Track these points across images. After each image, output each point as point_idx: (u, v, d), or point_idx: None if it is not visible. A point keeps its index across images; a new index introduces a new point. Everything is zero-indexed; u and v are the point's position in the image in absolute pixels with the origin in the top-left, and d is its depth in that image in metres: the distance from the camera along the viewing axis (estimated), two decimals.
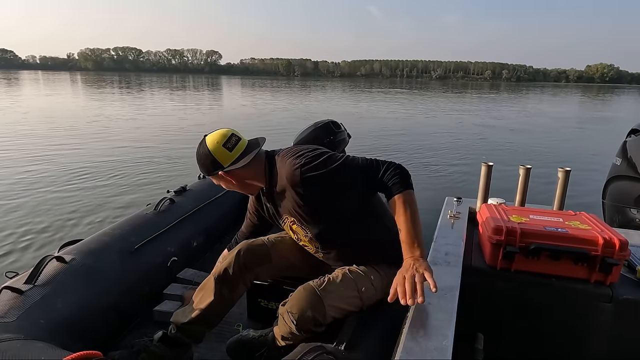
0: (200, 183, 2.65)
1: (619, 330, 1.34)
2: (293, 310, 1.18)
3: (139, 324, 1.74)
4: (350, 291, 1.26)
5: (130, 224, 1.99)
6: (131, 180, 5.35)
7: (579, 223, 1.46)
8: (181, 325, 1.39)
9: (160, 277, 1.93)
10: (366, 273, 1.32)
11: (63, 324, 1.37)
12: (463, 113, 16.92)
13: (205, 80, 64.90)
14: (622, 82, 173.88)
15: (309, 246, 1.43)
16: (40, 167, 5.81)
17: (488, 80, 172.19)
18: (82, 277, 1.55)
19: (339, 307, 1.23)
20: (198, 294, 1.41)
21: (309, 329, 1.19)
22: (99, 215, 4.05)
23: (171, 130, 9.82)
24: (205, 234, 2.35)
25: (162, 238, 2.02)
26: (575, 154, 8.14)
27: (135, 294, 1.76)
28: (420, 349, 0.89)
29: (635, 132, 2.63)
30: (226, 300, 1.39)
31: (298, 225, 1.38)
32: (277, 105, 18.50)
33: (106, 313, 1.59)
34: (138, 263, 1.82)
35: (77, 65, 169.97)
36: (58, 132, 9.03)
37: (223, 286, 1.37)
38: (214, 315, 1.40)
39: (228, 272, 1.38)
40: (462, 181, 5.66)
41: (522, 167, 1.85)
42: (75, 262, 1.59)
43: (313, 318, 1.17)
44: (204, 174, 1.39)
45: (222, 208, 2.58)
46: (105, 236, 1.84)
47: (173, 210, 2.22)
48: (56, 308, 1.39)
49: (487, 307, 1.46)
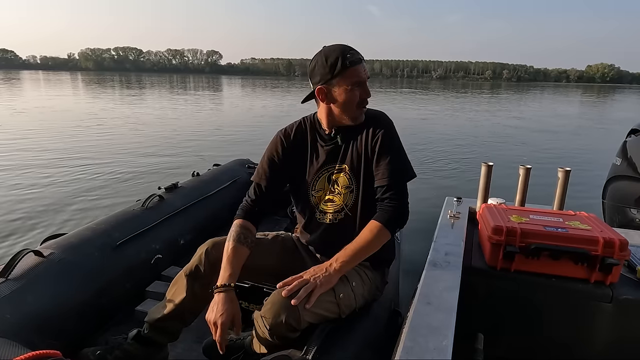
0: (192, 180, 2.61)
1: (619, 330, 1.34)
2: (267, 315, 1.12)
3: (119, 322, 1.68)
4: (327, 296, 1.19)
5: (115, 220, 1.95)
6: (124, 177, 5.33)
7: (578, 223, 1.46)
8: (155, 323, 1.36)
9: (143, 274, 1.89)
10: (348, 278, 1.27)
11: (32, 320, 1.32)
12: (463, 113, 16.91)
13: (206, 80, 64.94)
14: (623, 82, 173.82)
15: (336, 202, 1.36)
16: (36, 162, 5.81)
17: (488, 80, 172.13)
18: (58, 272, 1.50)
19: (315, 312, 1.16)
20: (171, 290, 1.37)
21: (283, 334, 1.12)
22: (90, 211, 4.02)
23: (169, 128, 9.84)
24: (194, 231, 2.31)
25: (147, 234, 1.98)
26: (575, 154, 8.13)
27: (115, 291, 1.71)
28: (420, 349, 0.89)
29: (635, 132, 2.63)
30: (199, 297, 1.33)
31: (347, 176, 1.34)
32: (276, 105, 18.50)
33: (83, 310, 1.53)
34: (120, 259, 1.77)
35: (77, 65, 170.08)
36: (53, 127, 9.07)
37: (195, 283, 1.33)
38: (188, 312, 1.36)
39: (199, 269, 1.33)
40: (462, 181, 5.65)
41: (522, 167, 1.86)
42: (53, 257, 1.54)
43: (286, 323, 1.10)
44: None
45: (213, 206, 2.54)
46: (88, 231, 1.79)
47: (161, 207, 2.18)
48: (26, 303, 1.34)
49: (487, 307, 1.46)
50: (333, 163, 1.37)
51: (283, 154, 1.42)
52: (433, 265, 1.30)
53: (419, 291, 1.14)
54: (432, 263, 1.31)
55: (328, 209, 1.39)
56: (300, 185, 1.43)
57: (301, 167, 1.42)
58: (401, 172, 1.30)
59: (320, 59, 1.28)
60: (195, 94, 25.46)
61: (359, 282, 1.30)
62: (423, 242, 1.68)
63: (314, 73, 1.30)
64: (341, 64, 1.24)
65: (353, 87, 1.27)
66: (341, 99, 1.29)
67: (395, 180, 1.28)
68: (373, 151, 1.31)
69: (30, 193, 4.51)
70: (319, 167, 1.39)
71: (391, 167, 1.28)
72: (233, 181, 2.83)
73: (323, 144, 1.39)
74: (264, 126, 10.66)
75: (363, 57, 1.29)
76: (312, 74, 1.31)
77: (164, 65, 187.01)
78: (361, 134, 1.34)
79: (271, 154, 1.44)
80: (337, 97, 1.29)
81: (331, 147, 1.38)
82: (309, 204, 1.41)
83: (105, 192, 4.67)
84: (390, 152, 1.30)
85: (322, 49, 1.31)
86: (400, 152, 1.33)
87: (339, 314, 1.24)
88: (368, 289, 1.34)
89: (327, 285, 1.17)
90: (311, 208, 1.41)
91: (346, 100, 1.28)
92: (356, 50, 1.28)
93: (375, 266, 1.38)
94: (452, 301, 1.08)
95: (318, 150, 1.40)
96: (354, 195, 1.35)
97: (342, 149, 1.36)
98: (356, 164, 1.34)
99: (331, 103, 1.31)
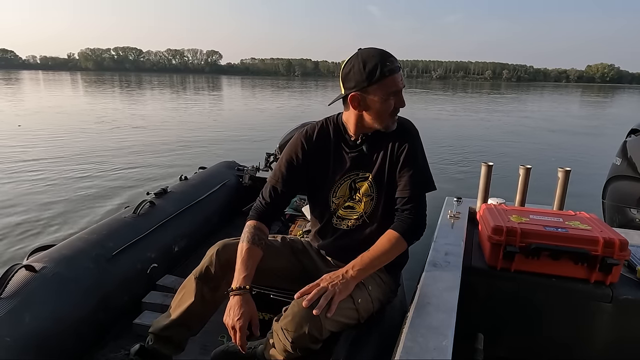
0: (181, 184, 2.55)
1: (619, 330, 1.34)
2: (288, 328, 1.09)
3: (116, 336, 1.62)
4: (346, 303, 1.17)
5: (107, 228, 1.86)
6: (107, 181, 5.11)
7: (579, 223, 1.46)
8: (160, 332, 1.31)
9: (139, 285, 1.82)
10: (364, 282, 1.25)
11: (31, 340, 1.27)
12: (463, 113, 16.92)
13: (205, 80, 64.87)
14: (623, 82, 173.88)
15: (356, 209, 1.35)
16: (13, 166, 5.60)
17: (488, 80, 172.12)
18: (53, 288, 1.43)
19: (336, 320, 1.14)
20: (178, 295, 1.33)
21: (306, 346, 1.10)
22: (73, 218, 3.83)
23: (151, 131, 9.60)
24: (188, 238, 2.26)
25: (142, 243, 1.90)
26: (575, 154, 8.14)
27: (112, 304, 1.65)
28: (420, 349, 0.89)
29: (635, 132, 2.63)
30: (208, 301, 1.30)
31: (370, 184, 1.32)
32: (274, 105, 18.49)
33: (81, 326, 1.48)
34: (116, 271, 1.70)
35: (77, 65, 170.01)
36: (30, 129, 8.86)
37: (204, 286, 1.29)
38: (195, 318, 1.32)
39: (209, 270, 1.30)
40: (462, 181, 5.66)
41: (522, 167, 1.86)
42: (46, 271, 1.46)
43: (309, 334, 1.07)
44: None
45: (205, 211, 2.50)
46: (80, 241, 1.71)
47: (153, 214, 2.10)
48: (24, 323, 1.28)
49: (487, 307, 1.46)
50: (357, 170, 1.34)
51: (303, 157, 1.37)
52: (433, 265, 1.30)
53: (419, 291, 1.14)
54: (432, 263, 1.31)
55: (347, 215, 1.37)
56: (319, 190, 1.39)
57: (322, 172, 1.37)
58: (423, 185, 1.29)
59: (357, 64, 1.22)
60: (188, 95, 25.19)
61: (375, 287, 1.28)
62: (423, 242, 1.68)
63: (348, 77, 1.24)
64: (380, 72, 1.19)
65: (389, 96, 1.23)
66: (375, 108, 1.24)
67: (416, 193, 1.27)
68: (398, 161, 1.29)
69: (5, 202, 4.21)
70: (342, 174, 1.35)
71: (414, 180, 1.27)
72: (222, 184, 2.79)
73: (348, 150, 1.35)
74: (252, 127, 10.63)
75: (401, 65, 1.25)
76: (346, 78, 1.25)
77: (163, 65, 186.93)
78: (387, 142, 1.31)
79: (290, 157, 1.38)
80: (371, 105, 1.24)
81: (356, 154, 1.34)
82: (327, 209, 1.39)
83: (89, 199, 4.42)
84: (414, 163, 1.28)
85: (358, 53, 1.25)
86: (424, 164, 1.31)
87: (358, 320, 1.23)
88: (384, 292, 1.33)
89: (345, 292, 1.15)
90: (329, 214, 1.39)
91: (381, 109, 1.24)
92: (394, 58, 1.23)
93: (390, 270, 1.37)
94: (452, 301, 1.08)
95: (342, 156, 1.36)
96: (374, 203, 1.33)
97: (367, 156, 1.33)
98: (380, 173, 1.31)
99: (364, 110, 1.27)
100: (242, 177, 2.96)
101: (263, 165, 3.06)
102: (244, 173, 2.96)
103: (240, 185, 2.94)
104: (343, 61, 1.29)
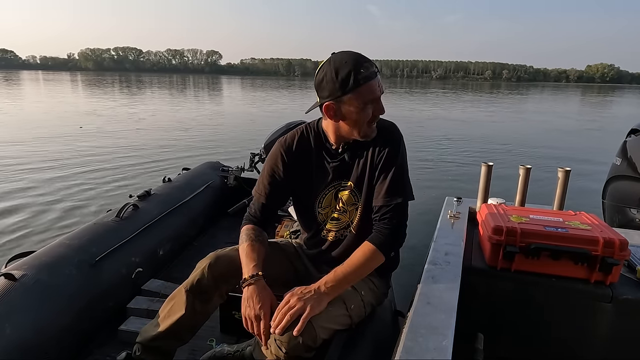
0: (165, 187, 2.51)
1: (619, 330, 1.34)
2: (283, 339, 1.05)
3: (101, 344, 1.57)
4: (339, 309, 1.16)
5: (90, 233, 1.81)
6: (88, 184, 4.89)
7: (579, 223, 1.46)
8: (148, 343, 1.25)
9: (124, 290, 1.78)
10: (357, 288, 1.23)
11: (14, 352, 1.22)
12: (463, 113, 16.92)
13: (205, 80, 64.82)
14: (623, 82, 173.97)
15: (342, 219, 1.32)
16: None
17: (488, 80, 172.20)
18: (35, 296, 1.38)
19: (328, 327, 1.12)
20: (167, 306, 1.26)
21: (300, 355, 1.07)
22: (53, 223, 3.68)
23: (133, 132, 9.35)
24: (173, 241, 2.23)
25: (126, 247, 1.86)
26: (575, 154, 8.14)
27: (96, 311, 1.61)
28: (420, 349, 0.89)
29: (635, 132, 2.63)
30: (199, 313, 1.24)
31: (353, 194, 1.28)
32: (274, 105, 18.49)
33: (64, 335, 1.43)
34: (99, 276, 1.66)
35: (77, 65, 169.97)
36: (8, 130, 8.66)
37: (195, 299, 1.22)
38: (185, 330, 1.26)
39: (201, 283, 1.22)
40: (462, 181, 5.66)
41: (522, 167, 1.86)
42: (27, 279, 1.40)
43: (304, 344, 1.05)
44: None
45: (190, 213, 2.47)
46: (61, 247, 1.65)
47: (137, 217, 2.06)
48: (5, 334, 1.23)
49: (487, 307, 1.45)
50: (339, 180, 1.30)
51: (284, 170, 1.32)
52: (433, 265, 1.30)
53: (419, 291, 1.14)
54: (432, 263, 1.31)
55: (333, 227, 1.34)
56: (304, 202, 1.36)
57: (305, 183, 1.33)
58: (399, 194, 1.22)
59: (329, 71, 1.14)
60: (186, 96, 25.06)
61: (367, 291, 1.27)
62: (423, 242, 1.68)
63: (321, 86, 1.16)
64: (354, 80, 1.11)
65: (366, 105, 1.15)
66: (352, 118, 1.17)
67: (392, 202, 1.21)
68: (377, 168, 1.24)
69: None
70: (325, 184, 1.31)
71: (389, 188, 1.21)
72: (206, 186, 2.75)
73: (329, 160, 1.30)
74: (238, 127, 10.53)
75: (378, 69, 1.17)
76: (319, 86, 1.18)
77: (163, 66, 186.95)
78: (368, 148, 1.26)
79: (271, 169, 1.33)
80: (347, 115, 1.17)
81: (337, 163, 1.29)
82: (315, 220, 1.36)
83: (69, 203, 4.24)
84: (391, 171, 1.22)
85: (330, 58, 1.16)
86: (402, 171, 1.25)
87: (350, 325, 1.22)
88: (376, 296, 1.33)
89: (317, 308, 1.09)
90: (317, 225, 1.36)
91: (358, 119, 1.17)
92: (370, 62, 1.14)
93: (382, 273, 1.36)
94: (452, 301, 1.08)
95: (324, 167, 1.31)
96: (359, 213, 1.30)
97: (348, 165, 1.29)
98: (360, 181, 1.27)
99: (340, 120, 1.20)
100: (226, 178, 2.94)
101: (248, 165, 3.03)
102: (229, 174, 2.94)
103: (225, 186, 2.92)
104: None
